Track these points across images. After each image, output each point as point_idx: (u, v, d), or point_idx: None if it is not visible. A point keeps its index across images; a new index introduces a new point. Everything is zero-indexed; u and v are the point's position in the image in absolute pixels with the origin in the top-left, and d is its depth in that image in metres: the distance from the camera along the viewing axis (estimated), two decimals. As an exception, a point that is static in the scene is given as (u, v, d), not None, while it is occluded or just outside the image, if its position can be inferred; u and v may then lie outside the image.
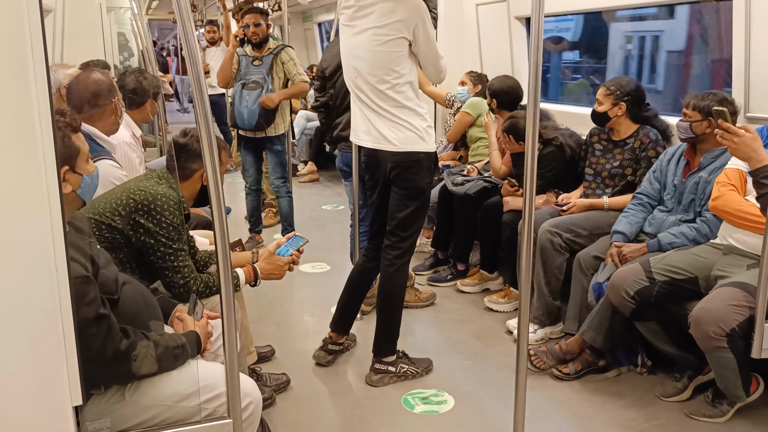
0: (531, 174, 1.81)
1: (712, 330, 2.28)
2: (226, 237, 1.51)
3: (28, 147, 1.29)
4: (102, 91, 2.56)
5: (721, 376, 2.42)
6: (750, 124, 2.51)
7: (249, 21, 4.34)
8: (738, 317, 2.27)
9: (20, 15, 1.25)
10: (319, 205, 6.11)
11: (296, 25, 9.21)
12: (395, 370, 2.86)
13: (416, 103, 2.65)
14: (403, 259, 2.80)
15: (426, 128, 2.66)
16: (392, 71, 2.59)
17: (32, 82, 1.27)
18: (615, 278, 2.65)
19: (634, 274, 2.60)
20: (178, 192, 2.25)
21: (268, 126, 4.39)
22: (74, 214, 1.72)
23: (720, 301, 2.33)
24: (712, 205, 2.55)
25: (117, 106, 2.61)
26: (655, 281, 2.56)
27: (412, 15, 2.54)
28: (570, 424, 2.57)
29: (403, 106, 2.63)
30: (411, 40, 2.58)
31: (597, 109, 3.22)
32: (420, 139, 2.65)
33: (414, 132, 2.64)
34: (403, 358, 2.92)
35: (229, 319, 1.55)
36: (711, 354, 2.36)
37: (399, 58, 2.59)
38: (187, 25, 1.40)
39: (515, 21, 4.46)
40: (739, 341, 2.30)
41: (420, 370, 2.90)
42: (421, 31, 2.56)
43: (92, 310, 1.53)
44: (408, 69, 2.61)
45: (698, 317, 2.34)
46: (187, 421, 1.69)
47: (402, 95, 2.62)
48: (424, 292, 3.74)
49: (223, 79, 4.43)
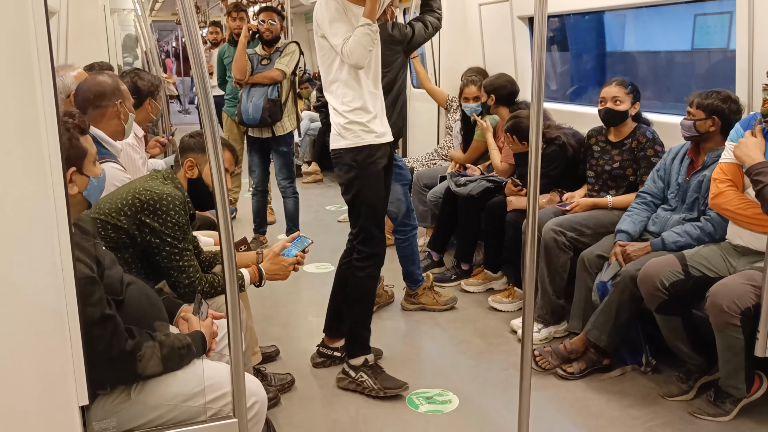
0: (535, 173, 1.81)
1: (727, 305, 2.31)
2: (231, 237, 1.51)
3: (34, 148, 1.30)
4: (105, 93, 2.54)
5: (726, 359, 2.42)
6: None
7: (265, 18, 4.39)
8: (754, 297, 2.30)
9: (26, 17, 1.26)
10: (323, 206, 6.12)
11: (299, 26, 9.22)
12: (354, 377, 2.79)
13: (342, 101, 2.64)
14: (361, 252, 2.76)
15: (345, 125, 2.64)
16: (322, 71, 2.69)
17: (38, 84, 1.28)
18: (648, 268, 2.59)
19: (670, 266, 2.56)
20: (183, 192, 2.26)
21: (273, 123, 4.39)
22: (80, 215, 1.73)
23: (739, 278, 2.38)
24: (712, 203, 2.55)
25: (120, 109, 2.59)
26: (690, 275, 2.54)
27: (316, 6, 2.58)
28: (574, 423, 2.57)
29: (332, 105, 2.68)
30: (321, 34, 2.60)
31: (617, 108, 3.16)
32: (339, 137, 2.67)
33: (335, 130, 2.68)
34: (370, 368, 2.80)
35: (234, 319, 1.55)
36: (722, 332, 2.37)
37: (323, 57, 2.65)
38: (191, 25, 1.41)
39: (518, 21, 4.46)
40: (751, 323, 2.31)
41: (377, 388, 2.74)
42: (319, 19, 2.59)
43: (98, 310, 1.54)
44: (336, 67, 2.62)
45: (716, 291, 2.37)
46: (192, 420, 1.69)
47: (331, 94, 2.68)
48: (444, 295, 3.71)
49: (239, 70, 4.37)
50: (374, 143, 2.67)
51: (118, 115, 2.59)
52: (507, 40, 4.59)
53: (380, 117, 2.71)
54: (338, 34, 2.55)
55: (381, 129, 2.70)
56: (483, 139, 4.22)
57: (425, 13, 3.07)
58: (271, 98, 4.33)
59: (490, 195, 3.79)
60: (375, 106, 2.68)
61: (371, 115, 2.66)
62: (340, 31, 2.55)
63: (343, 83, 2.62)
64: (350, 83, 2.62)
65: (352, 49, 2.51)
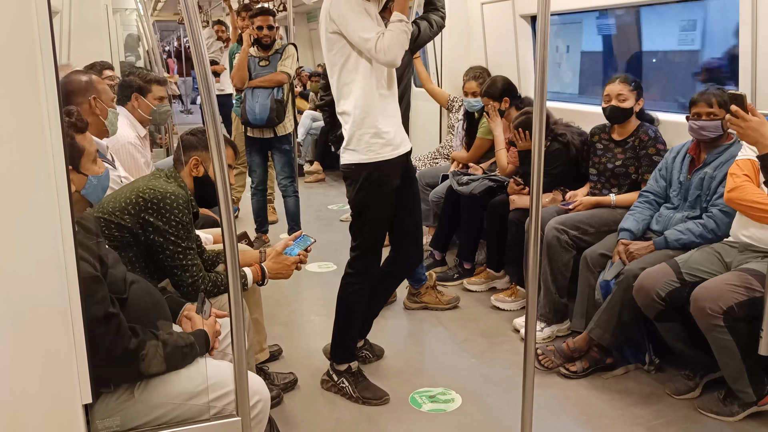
0: (538, 171, 1.81)
1: (709, 306, 2.34)
2: (234, 236, 1.51)
3: (38, 147, 1.30)
4: (74, 90, 2.52)
5: (724, 363, 2.43)
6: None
7: (263, 23, 4.39)
8: (736, 296, 2.33)
9: (29, 16, 1.26)
10: (325, 205, 6.12)
11: (301, 26, 9.22)
12: (336, 381, 2.78)
13: (356, 104, 2.48)
14: (351, 269, 2.70)
15: (360, 135, 2.48)
16: (333, 72, 2.52)
17: (41, 83, 1.28)
18: (643, 280, 2.58)
19: (665, 276, 2.55)
20: (187, 191, 2.26)
21: (279, 122, 4.43)
22: (83, 214, 1.73)
23: (719, 281, 2.41)
24: (728, 197, 2.52)
25: (95, 105, 2.55)
26: (686, 282, 2.52)
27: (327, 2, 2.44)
28: (577, 422, 2.56)
29: (343, 112, 2.54)
30: (335, 31, 2.42)
31: (622, 105, 3.14)
32: (352, 151, 2.53)
33: (348, 141, 2.53)
34: (353, 375, 2.77)
35: (237, 318, 1.56)
36: (709, 334, 2.39)
37: (335, 57, 2.48)
38: (194, 25, 1.41)
39: (520, 19, 4.45)
40: (740, 324, 2.33)
41: (356, 396, 2.71)
42: (337, 14, 2.40)
43: (101, 309, 1.54)
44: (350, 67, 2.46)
45: (697, 294, 2.40)
46: (195, 419, 1.69)
47: (344, 98, 2.52)
48: (446, 294, 3.71)
49: (240, 80, 4.41)
50: (391, 158, 2.53)
51: (93, 112, 2.56)
52: (509, 39, 4.58)
53: (397, 123, 2.59)
54: (368, 28, 2.37)
55: (399, 138, 2.57)
56: (486, 136, 4.22)
57: (429, 11, 3.07)
58: (278, 99, 4.37)
59: (492, 194, 3.79)
60: (392, 111, 2.56)
61: (389, 122, 2.52)
62: (371, 25, 2.38)
63: (359, 85, 2.47)
64: (366, 85, 2.47)
65: (390, 45, 2.33)
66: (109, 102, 2.63)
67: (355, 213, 2.64)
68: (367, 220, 2.62)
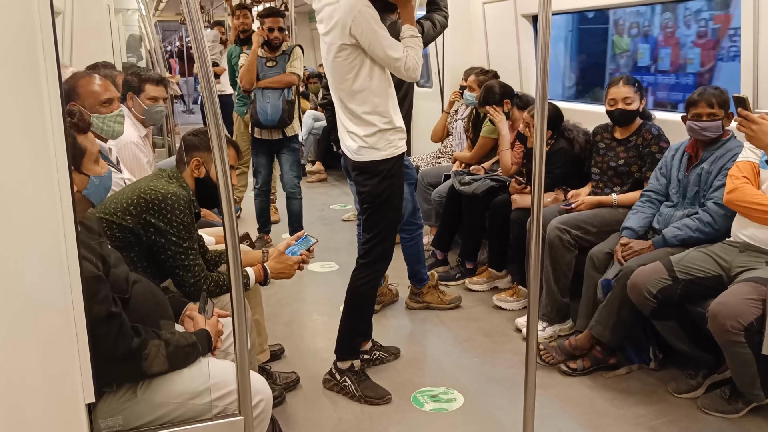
0: (540, 171, 1.81)
1: (730, 324, 2.28)
2: (236, 236, 1.51)
3: (40, 147, 1.30)
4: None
5: (738, 373, 2.40)
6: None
7: (273, 24, 4.41)
8: (756, 311, 2.27)
9: (32, 17, 1.26)
10: (327, 205, 6.12)
11: (303, 26, 9.22)
12: (339, 379, 2.79)
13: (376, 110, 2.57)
14: (365, 259, 2.75)
15: (385, 135, 2.59)
16: (344, 79, 2.57)
17: (44, 83, 1.29)
18: (636, 277, 2.60)
19: (657, 273, 2.56)
20: (189, 191, 2.26)
21: (290, 123, 4.45)
22: (86, 213, 1.74)
23: (737, 295, 2.33)
24: (727, 198, 2.53)
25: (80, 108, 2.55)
26: (679, 280, 2.53)
27: (345, 17, 2.46)
28: (579, 421, 2.57)
29: (356, 116, 2.61)
30: (352, 44, 2.49)
31: (629, 109, 3.14)
32: (372, 149, 2.61)
33: (363, 142, 2.61)
34: (355, 374, 2.78)
35: (239, 318, 1.56)
36: (728, 348, 2.35)
37: (348, 66, 2.53)
38: (196, 25, 1.41)
39: (522, 19, 4.46)
40: (756, 336, 2.29)
41: (358, 395, 2.73)
42: (360, 31, 2.46)
43: (104, 308, 1.55)
44: (364, 75, 2.54)
45: (716, 311, 2.33)
46: (198, 418, 1.70)
47: (359, 105, 2.58)
48: (448, 294, 3.71)
49: (249, 81, 4.41)
50: (403, 151, 2.68)
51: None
52: (511, 39, 4.59)
53: (402, 121, 2.69)
54: (395, 47, 2.51)
55: (404, 134, 2.69)
56: (490, 135, 4.22)
57: (432, 11, 3.07)
58: (289, 99, 4.39)
59: (494, 193, 3.79)
60: (397, 111, 2.66)
61: (399, 117, 2.65)
62: (396, 44, 2.52)
63: (374, 92, 2.57)
64: (383, 91, 2.58)
65: (416, 65, 2.54)
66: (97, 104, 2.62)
67: (379, 202, 2.68)
68: (391, 207, 2.70)
